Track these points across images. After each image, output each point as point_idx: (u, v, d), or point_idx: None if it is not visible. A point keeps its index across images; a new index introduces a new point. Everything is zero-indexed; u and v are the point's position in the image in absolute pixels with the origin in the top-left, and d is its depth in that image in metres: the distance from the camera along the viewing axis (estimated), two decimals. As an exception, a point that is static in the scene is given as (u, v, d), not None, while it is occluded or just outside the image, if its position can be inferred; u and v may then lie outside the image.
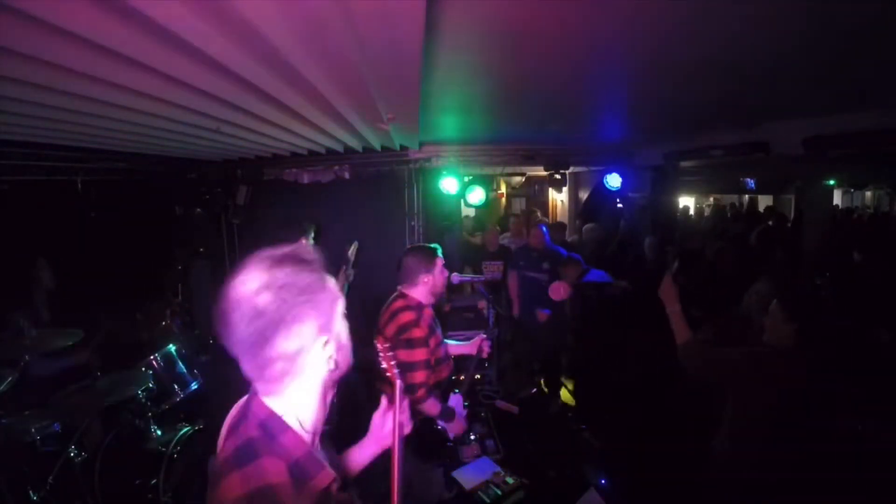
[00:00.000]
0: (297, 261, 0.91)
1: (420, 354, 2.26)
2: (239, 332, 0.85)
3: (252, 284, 0.86)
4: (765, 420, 2.13)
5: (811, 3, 1.49)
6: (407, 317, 2.29)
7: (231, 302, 0.86)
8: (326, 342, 0.92)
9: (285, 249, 0.93)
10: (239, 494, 0.81)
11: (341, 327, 0.98)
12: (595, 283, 4.54)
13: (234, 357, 0.89)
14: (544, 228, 4.89)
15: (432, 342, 2.32)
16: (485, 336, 2.69)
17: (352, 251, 4.14)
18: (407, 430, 1.31)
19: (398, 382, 1.36)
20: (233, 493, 0.81)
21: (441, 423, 2.42)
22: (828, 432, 2.33)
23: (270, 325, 0.85)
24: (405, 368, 2.22)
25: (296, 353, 0.88)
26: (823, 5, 1.50)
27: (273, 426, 0.89)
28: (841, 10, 1.54)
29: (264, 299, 0.85)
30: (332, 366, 0.94)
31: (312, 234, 3.84)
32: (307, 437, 0.93)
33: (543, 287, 4.51)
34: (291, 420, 0.91)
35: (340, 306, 0.98)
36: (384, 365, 1.46)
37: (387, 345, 1.49)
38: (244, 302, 0.85)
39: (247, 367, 0.89)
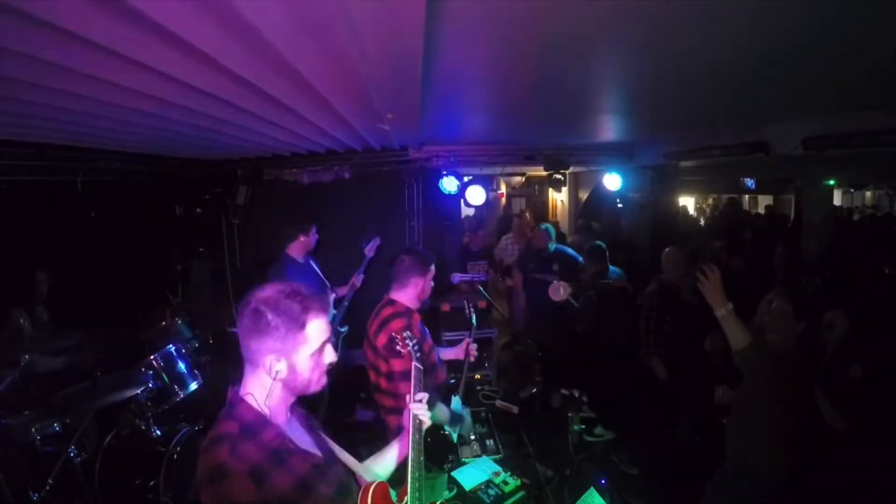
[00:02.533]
0: (300, 301, 1.22)
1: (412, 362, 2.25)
2: (241, 319, 1.21)
3: (264, 295, 1.21)
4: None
5: (813, 7, 1.49)
6: (398, 324, 2.25)
7: (248, 299, 1.22)
8: (277, 361, 1.20)
9: (300, 289, 1.25)
10: (204, 446, 1.14)
11: (301, 361, 1.23)
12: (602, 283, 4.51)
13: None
14: (549, 228, 4.86)
15: (425, 347, 2.31)
16: (470, 339, 2.67)
17: (370, 247, 4.12)
18: (425, 424, 1.55)
19: (418, 369, 1.71)
20: (203, 445, 1.14)
21: (448, 429, 2.41)
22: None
23: (253, 325, 1.19)
24: (398, 378, 2.20)
25: (255, 350, 1.20)
26: (824, 10, 1.51)
27: (234, 401, 1.22)
28: (842, 13, 1.54)
29: (261, 308, 1.19)
30: (274, 376, 1.21)
31: (314, 231, 3.83)
32: (262, 410, 1.21)
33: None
34: (250, 399, 1.21)
35: (308, 348, 1.23)
36: (402, 352, 1.90)
37: (410, 342, 1.90)
38: (253, 302, 1.21)
39: (240, 344, 1.23)
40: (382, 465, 1.56)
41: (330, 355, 1.28)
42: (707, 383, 3.01)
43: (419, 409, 1.53)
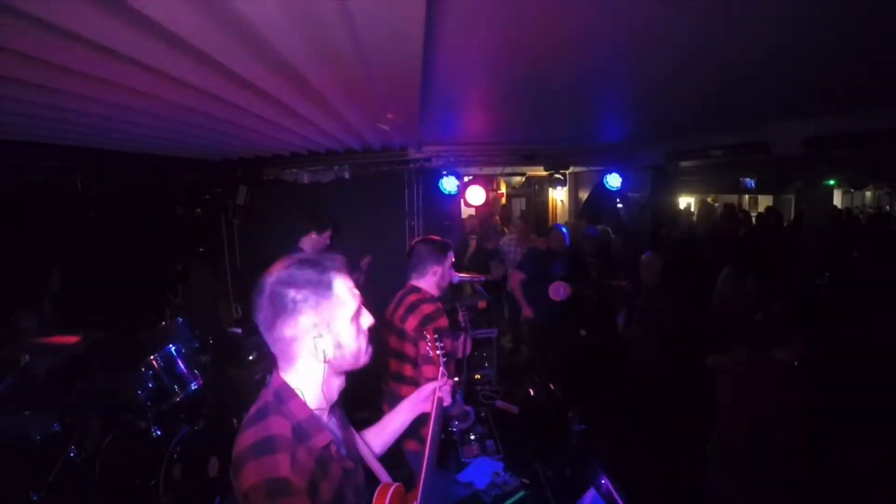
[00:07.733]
0: (313, 265, 1.09)
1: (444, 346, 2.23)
2: (261, 312, 1.07)
3: (275, 276, 1.08)
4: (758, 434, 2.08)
5: (812, 8, 1.49)
6: (429, 308, 2.26)
7: (260, 287, 1.08)
8: (319, 337, 1.08)
9: (309, 255, 1.14)
10: (250, 443, 1.01)
11: (343, 329, 1.11)
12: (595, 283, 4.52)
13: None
14: None
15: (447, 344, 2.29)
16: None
17: (365, 262, 4.11)
18: (446, 402, 1.56)
19: (442, 361, 1.65)
20: (246, 442, 1.02)
21: (456, 425, 2.41)
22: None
23: (278, 311, 1.06)
24: (426, 362, 2.16)
25: (291, 339, 1.07)
26: (823, 10, 1.51)
27: (284, 394, 1.09)
28: (842, 13, 1.55)
29: (279, 290, 1.06)
30: (323, 357, 1.09)
31: (328, 234, 3.63)
32: (315, 408, 1.11)
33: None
34: (299, 392, 1.10)
35: (345, 311, 1.11)
36: (432, 353, 1.73)
37: (435, 334, 1.76)
38: (267, 288, 1.07)
39: (267, 340, 1.10)
40: (380, 440, 1.49)
41: (368, 318, 1.17)
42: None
43: (444, 392, 1.54)
